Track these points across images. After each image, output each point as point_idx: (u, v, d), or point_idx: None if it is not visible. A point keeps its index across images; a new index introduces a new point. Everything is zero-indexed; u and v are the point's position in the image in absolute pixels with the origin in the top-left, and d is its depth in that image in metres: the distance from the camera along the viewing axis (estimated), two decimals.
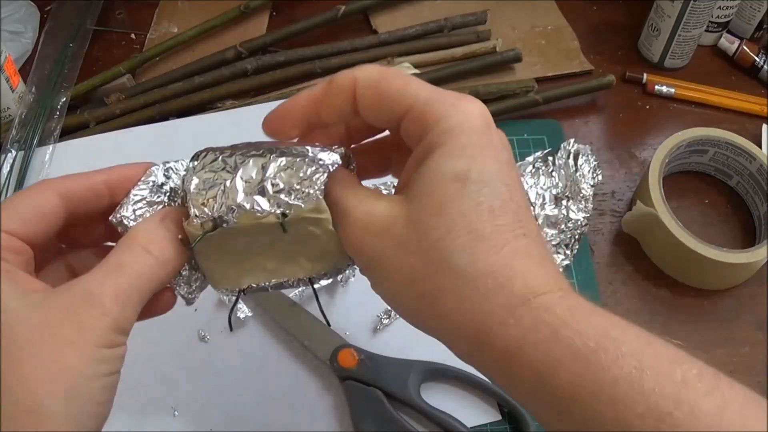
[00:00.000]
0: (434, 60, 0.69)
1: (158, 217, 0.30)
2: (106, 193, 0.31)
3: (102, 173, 0.31)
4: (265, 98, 0.65)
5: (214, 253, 0.31)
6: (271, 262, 0.32)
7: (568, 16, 0.75)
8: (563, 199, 0.59)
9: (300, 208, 0.30)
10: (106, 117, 0.64)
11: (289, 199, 0.29)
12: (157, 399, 0.49)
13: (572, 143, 0.61)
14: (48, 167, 0.59)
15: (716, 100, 0.69)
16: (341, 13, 0.71)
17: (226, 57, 0.68)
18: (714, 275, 0.56)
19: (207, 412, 0.49)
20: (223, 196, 0.29)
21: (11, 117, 0.63)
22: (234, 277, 0.32)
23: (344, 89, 0.30)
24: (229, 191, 0.29)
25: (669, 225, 0.55)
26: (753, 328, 0.55)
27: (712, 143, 0.60)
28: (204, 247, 0.30)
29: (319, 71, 0.67)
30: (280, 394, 0.49)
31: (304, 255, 0.32)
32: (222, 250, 0.31)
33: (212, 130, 0.62)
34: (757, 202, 0.60)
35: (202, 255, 0.31)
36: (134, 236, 0.29)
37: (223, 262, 0.31)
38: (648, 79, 0.69)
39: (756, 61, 0.70)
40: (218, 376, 0.50)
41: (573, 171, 0.60)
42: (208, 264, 0.31)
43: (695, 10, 0.65)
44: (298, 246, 0.31)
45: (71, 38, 0.69)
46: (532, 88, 0.66)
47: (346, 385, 0.48)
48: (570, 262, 0.57)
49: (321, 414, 0.49)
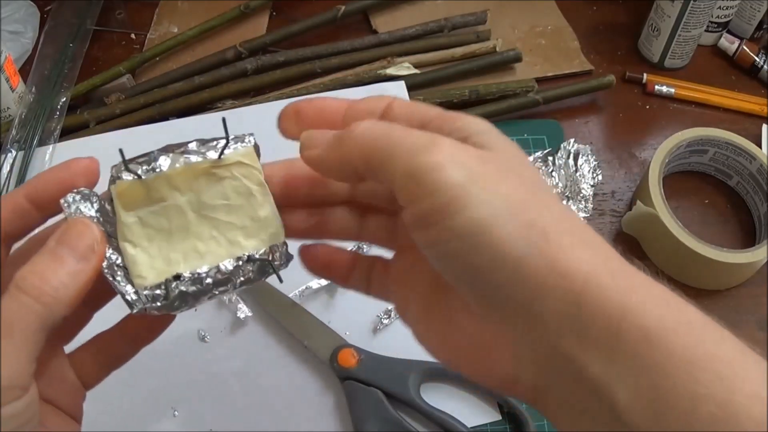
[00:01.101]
0: (434, 60, 0.69)
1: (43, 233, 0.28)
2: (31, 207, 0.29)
3: (22, 189, 0.29)
4: (265, 98, 0.65)
5: (140, 238, 0.28)
6: (203, 241, 0.29)
7: (568, 16, 0.75)
8: (563, 199, 0.59)
9: (234, 153, 0.30)
10: (106, 117, 0.64)
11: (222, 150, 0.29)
12: (157, 399, 0.49)
13: (572, 143, 0.61)
14: (48, 167, 0.59)
15: (716, 100, 0.69)
16: (341, 13, 0.71)
17: (226, 57, 0.68)
18: (714, 275, 0.56)
19: (207, 412, 0.49)
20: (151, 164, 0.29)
21: (11, 117, 0.63)
22: (161, 268, 0.28)
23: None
24: (155, 161, 0.29)
25: (669, 225, 0.55)
26: (753, 328, 0.55)
27: (712, 143, 0.60)
28: (128, 229, 0.28)
29: (319, 71, 0.67)
30: (280, 395, 0.49)
31: (239, 228, 0.30)
32: (149, 232, 0.29)
33: (212, 130, 0.61)
34: (757, 202, 0.60)
35: (127, 240, 0.28)
36: (18, 280, 0.26)
37: (149, 250, 0.28)
38: (648, 79, 0.70)
39: (756, 61, 0.70)
40: (218, 376, 0.50)
41: (573, 171, 0.60)
42: (133, 252, 0.28)
43: (695, 10, 0.65)
44: (231, 216, 0.30)
45: (71, 38, 0.69)
46: (532, 88, 0.66)
47: (346, 385, 0.48)
48: None
49: (321, 414, 0.49)
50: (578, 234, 0.25)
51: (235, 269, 0.30)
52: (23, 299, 0.26)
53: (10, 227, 0.29)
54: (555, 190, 0.59)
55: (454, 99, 0.65)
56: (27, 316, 0.26)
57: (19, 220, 0.29)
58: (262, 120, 0.62)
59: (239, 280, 0.30)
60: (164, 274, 0.28)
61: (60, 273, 0.26)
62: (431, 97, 0.65)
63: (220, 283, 0.29)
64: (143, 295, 0.28)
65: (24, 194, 0.29)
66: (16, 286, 0.26)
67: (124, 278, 0.28)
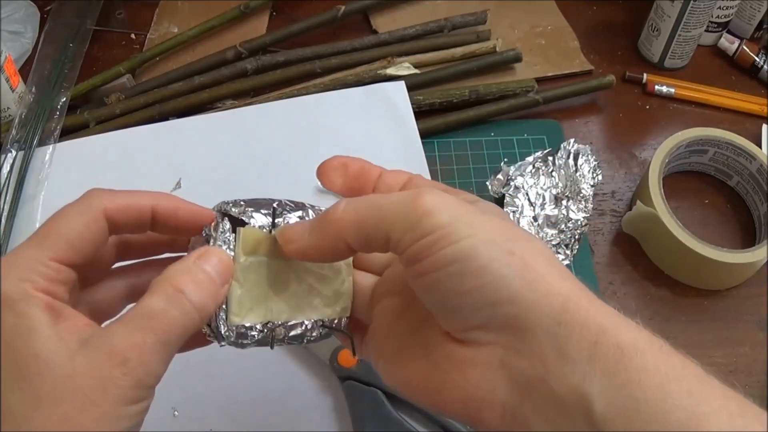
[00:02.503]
0: (434, 60, 0.69)
1: (195, 256, 0.30)
2: (149, 216, 0.31)
3: (148, 196, 0.31)
4: (265, 98, 0.65)
5: (248, 281, 0.31)
6: (292, 299, 0.33)
7: (568, 16, 0.75)
8: (563, 199, 0.59)
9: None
10: (106, 117, 0.64)
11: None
12: (157, 399, 0.49)
13: (572, 143, 0.61)
14: (48, 167, 0.59)
15: (716, 100, 0.69)
16: (341, 13, 0.71)
17: (226, 57, 0.68)
18: (714, 275, 0.56)
19: (207, 412, 0.48)
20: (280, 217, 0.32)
21: (11, 117, 0.63)
22: (258, 312, 0.32)
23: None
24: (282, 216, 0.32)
25: (669, 225, 0.55)
26: (753, 328, 0.55)
27: (712, 143, 0.60)
28: (242, 270, 0.31)
29: (319, 71, 0.67)
30: (280, 394, 0.49)
31: (321, 296, 0.33)
32: (255, 279, 0.31)
33: (212, 130, 0.62)
34: (757, 202, 0.60)
35: (237, 279, 0.31)
36: (168, 277, 0.28)
37: (251, 293, 0.31)
38: (648, 79, 0.70)
39: (756, 61, 0.70)
40: (218, 376, 0.50)
41: (573, 171, 0.60)
42: (237, 292, 0.31)
43: (695, 10, 0.65)
44: (319, 283, 0.33)
45: (71, 38, 0.69)
46: (532, 88, 0.66)
47: (346, 385, 0.48)
48: (570, 262, 0.57)
49: (321, 414, 0.49)
50: (555, 267, 0.28)
51: (310, 329, 0.33)
52: (186, 306, 0.27)
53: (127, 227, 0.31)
54: (555, 190, 0.59)
55: (454, 99, 0.65)
56: (187, 321, 0.27)
57: (137, 223, 0.31)
58: (263, 120, 0.63)
59: (308, 339, 0.33)
60: (257, 318, 0.32)
61: (212, 291, 0.29)
62: (431, 97, 0.65)
63: (295, 337, 0.33)
64: (233, 332, 0.31)
65: (150, 204, 0.31)
66: (180, 291, 0.27)
67: (222, 311, 0.31)
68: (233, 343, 0.31)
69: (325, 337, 0.34)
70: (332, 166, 0.34)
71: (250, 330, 0.31)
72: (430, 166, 0.60)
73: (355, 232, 0.29)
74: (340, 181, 0.34)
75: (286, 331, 0.32)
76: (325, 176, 0.34)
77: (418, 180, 0.33)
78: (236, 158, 0.60)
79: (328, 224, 0.29)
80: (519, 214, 0.58)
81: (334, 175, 0.34)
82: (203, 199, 0.32)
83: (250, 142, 0.60)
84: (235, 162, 0.59)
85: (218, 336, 0.31)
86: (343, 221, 0.29)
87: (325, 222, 0.30)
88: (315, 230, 0.30)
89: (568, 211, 0.58)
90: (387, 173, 0.34)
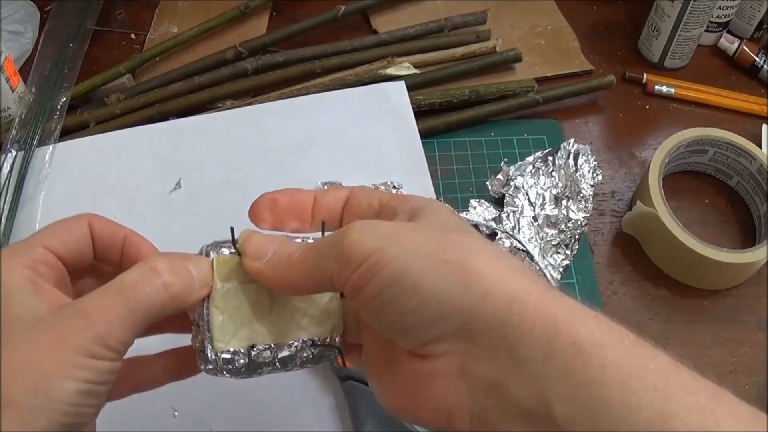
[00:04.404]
0: (434, 60, 0.69)
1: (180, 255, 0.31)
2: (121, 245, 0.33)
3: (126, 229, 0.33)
4: (265, 98, 0.65)
5: (228, 307, 0.31)
6: (277, 321, 0.33)
7: (568, 16, 0.75)
8: (563, 199, 0.59)
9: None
10: (106, 117, 0.64)
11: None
12: (157, 399, 0.49)
13: (572, 143, 0.61)
14: (48, 167, 0.59)
15: (716, 100, 0.69)
16: (341, 13, 0.71)
17: (226, 57, 0.68)
18: (714, 275, 0.56)
19: (207, 412, 0.48)
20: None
21: (11, 117, 0.63)
22: (242, 337, 0.32)
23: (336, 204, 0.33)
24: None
25: (669, 225, 0.55)
26: (753, 328, 0.55)
27: (712, 143, 0.60)
28: (220, 296, 0.31)
29: (319, 71, 0.67)
30: (280, 394, 0.49)
31: (308, 316, 0.33)
32: (235, 304, 0.32)
33: (212, 130, 0.62)
34: (757, 202, 0.60)
35: (217, 306, 0.31)
36: (149, 260, 0.30)
37: (233, 319, 0.32)
38: (648, 79, 0.70)
39: (756, 61, 0.70)
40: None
41: (573, 171, 0.60)
42: (219, 319, 0.31)
43: (695, 10, 0.65)
44: (304, 303, 0.33)
45: (71, 38, 0.69)
46: (532, 88, 0.66)
47: (346, 385, 0.48)
48: (570, 262, 0.57)
49: (321, 414, 0.49)
50: (503, 262, 0.27)
51: (301, 350, 0.33)
52: (157, 281, 0.29)
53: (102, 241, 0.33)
54: (555, 190, 0.59)
55: (454, 99, 0.65)
56: (155, 297, 0.29)
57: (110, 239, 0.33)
58: (262, 120, 0.63)
59: (300, 360, 0.33)
60: (241, 343, 0.32)
61: (187, 280, 0.30)
62: (431, 97, 0.65)
63: (285, 360, 0.33)
64: (220, 358, 0.31)
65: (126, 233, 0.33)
66: (154, 269, 0.29)
67: (207, 339, 0.31)
68: (222, 370, 0.32)
69: (319, 359, 0.34)
70: (261, 205, 0.34)
71: (236, 356, 0.31)
72: (430, 166, 0.60)
73: (305, 282, 0.30)
74: (271, 218, 0.34)
75: (273, 354, 0.32)
76: (256, 216, 0.34)
77: (358, 194, 0.33)
78: (236, 158, 0.60)
79: (282, 271, 0.30)
80: (519, 214, 0.58)
81: (265, 213, 0.34)
82: (203, 199, 0.32)
83: (250, 142, 0.60)
84: (235, 162, 0.59)
85: (205, 365, 0.32)
86: (294, 272, 0.30)
87: (279, 270, 0.30)
88: (271, 270, 0.31)
89: (568, 211, 0.58)
90: (321, 195, 0.34)
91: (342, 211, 0.33)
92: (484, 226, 0.58)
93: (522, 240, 0.57)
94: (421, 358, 0.28)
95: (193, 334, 0.32)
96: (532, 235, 0.57)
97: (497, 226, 0.58)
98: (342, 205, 0.33)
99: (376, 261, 0.27)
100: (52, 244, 0.31)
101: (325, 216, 0.33)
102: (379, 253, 0.27)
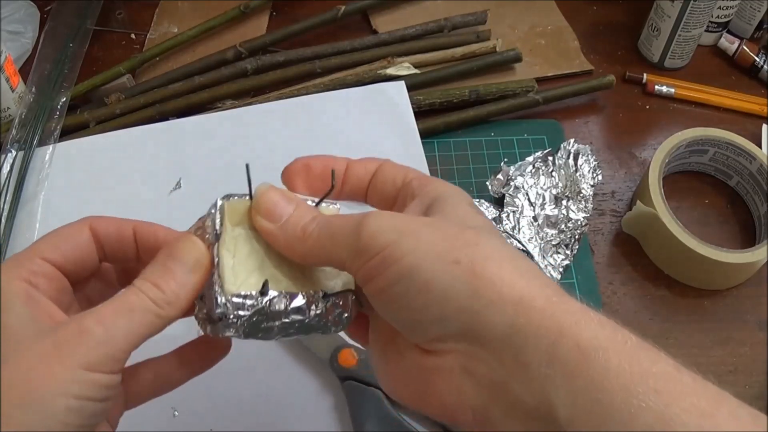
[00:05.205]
0: (434, 60, 0.69)
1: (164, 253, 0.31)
2: (132, 239, 0.32)
3: (132, 221, 0.32)
4: (265, 98, 0.65)
5: (239, 251, 0.31)
6: (290, 271, 0.32)
7: (568, 16, 0.75)
8: (563, 199, 0.59)
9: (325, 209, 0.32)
10: (106, 117, 0.64)
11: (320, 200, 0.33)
12: (157, 399, 0.49)
13: (572, 143, 0.61)
14: (48, 167, 0.59)
15: (716, 100, 0.69)
16: (341, 13, 0.71)
17: (226, 57, 0.68)
18: (714, 275, 0.56)
19: (207, 412, 0.48)
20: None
21: (11, 117, 0.63)
22: (253, 282, 0.30)
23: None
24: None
25: (669, 225, 0.55)
26: (753, 328, 0.55)
27: (712, 143, 0.60)
28: (232, 239, 0.30)
29: (319, 71, 0.67)
30: (280, 394, 0.49)
31: (321, 270, 0.33)
32: (246, 250, 0.31)
33: (212, 130, 0.62)
34: (757, 202, 0.60)
35: (228, 248, 0.30)
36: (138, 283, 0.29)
37: (245, 264, 0.31)
38: (648, 79, 0.70)
39: (756, 61, 0.70)
40: (218, 376, 0.50)
41: (573, 171, 0.60)
42: (229, 262, 0.30)
43: (695, 10, 0.65)
44: None
45: (71, 38, 0.69)
46: (532, 88, 0.66)
47: (346, 385, 0.48)
48: (570, 262, 0.57)
49: (321, 414, 0.49)
50: (512, 264, 0.27)
51: (312, 301, 0.31)
52: (145, 301, 0.28)
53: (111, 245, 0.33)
54: (555, 190, 0.59)
55: (454, 99, 0.65)
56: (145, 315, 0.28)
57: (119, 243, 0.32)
58: (263, 120, 0.63)
59: (313, 313, 0.31)
60: (253, 287, 0.30)
61: (171, 284, 0.29)
62: (431, 97, 0.65)
63: (296, 310, 0.31)
64: (231, 301, 0.29)
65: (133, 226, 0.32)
66: (139, 289, 0.28)
67: (217, 285, 0.30)
68: (231, 318, 0.30)
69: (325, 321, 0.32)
70: (294, 170, 0.34)
71: (248, 299, 0.30)
72: (430, 166, 0.60)
73: (315, 258, 0.30)
74: (304, 184, 0.33)
75: (287, 302, 0.30)
76: (289, 182, 0.34)
77: (386, 169, 0.33)
78: (236, 158, 0.60)
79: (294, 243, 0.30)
80: (519, 214, 0.58)
81: (297, 179, 0.34)
82: (203, 199, 0.32)
83: (250, 142, 0.60)
84: (235, 162, 0.59)
85: (212, 314, 0.30)
86: (306, 246, 0.30)
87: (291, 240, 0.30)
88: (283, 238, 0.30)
89: (568, 211, 0.58)
90: (353, 164, 0.34)
91: (369, 182, 0.33)
92: None
93: (522, 240, 0.57)
94: (425, 352, 0.28)
95: (197, 308, 0.31)
96: (532, 235, 0.57)
97: (497, 226, 0.58)
98: (370, 177, 0.33)
99: (388, 255, 0.27)
100: (51, 255, 0.30)
101: (354, 185, 0.34)
102: (392, 248, 0.27)
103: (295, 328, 0.31)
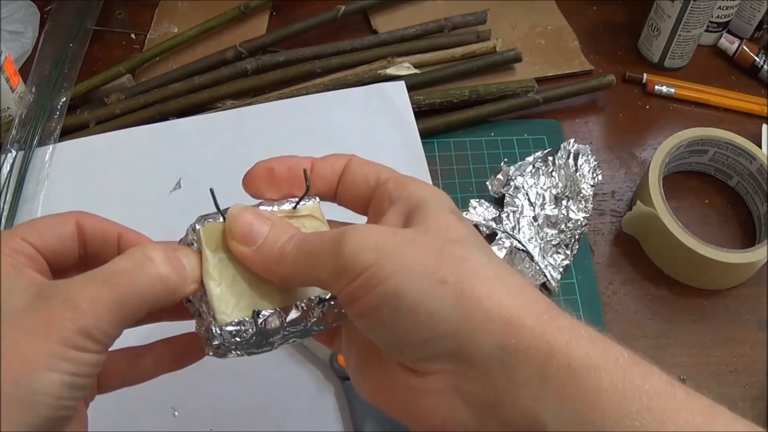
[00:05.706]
0: (434, 60, 0.69)
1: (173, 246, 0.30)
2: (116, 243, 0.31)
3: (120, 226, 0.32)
4: (265, 98, 0.65)
5: (224, 277, 0.30)
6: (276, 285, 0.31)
7: (568, 16, 0.75)
8: (563, 199, 0.59)
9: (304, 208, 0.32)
10: (106, 117, 0.64)
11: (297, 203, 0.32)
12: (157, 399, 0.49)
13: (572, 143, 0.61)
14: (48, 167, 0.59)
15: (716, 100, 0.69)
16: (341, 13, 0.71)
17: (226, 57, 0.68)
18: (714, 275, 0.56)
19: (207, 412, 0.48)
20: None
21: (11, 117, 0.63)
22: (244, 306, 0.30)
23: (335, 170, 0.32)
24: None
25: (669, 225, 0.55)
26: (753, 328, 0.55)
27: (712, 143, 0.60)
28: (213, 267, 0.30)
29: (319, 71, 0.67)
30: (280, 394, 0.49)
31: None
32: (231, 273, 0.30)
33: (212, 130, 0.62)
34: (757, 202, 0.60)
35: (211, 278, 0.30)
36: (142, 246, 0.29)
37: (232, 289, 0.30)
38: (648, 79, 0.70)
39: (756, 61, 0.70)
40: (218, 376, 0.50)
41: (573, 171, 0.60)
42: (216, 291, 0.30)
43: (695, 10, 0.65)
44: None
45: (71, 38, 0.69)
46: (532, 88, 0.66)
47: (346, 385, 0.48)
48: (570, 262, 0.57)
49: (321, 414, 0.49)
50: (499, 281, 0.26)
51: (308, 309, 0.31)
52: (152, 272, 0.27)
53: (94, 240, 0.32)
54: (555, 190, 0.59)
55: (454, 99, 0.65)
56: (148, 288, 0.27)
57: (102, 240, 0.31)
58: (263, 120, 0.63)
59: (311, 321, 0.31)
60: (245, 312, 0.30)
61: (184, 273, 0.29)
62: (431, 97, 0.65)
63: (294, 322, 0.31)
64: (225, 331, 0.29)
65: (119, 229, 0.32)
66: (149, 258, 0.28)
67: (207, 314, 0.30)
68: (231, 345, 0.30)
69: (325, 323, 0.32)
70: (257, 175, 0.33)
71: (242, 326, 0.29)
72: (430, 166, 0.60)
73: (295, 279, 0.29)
74: (270, 189, 0.32)
75: (281, 319, 0.30)
76: (252, 187, 0.33)
77: (355, 168, 0.32)
78: (236, 158, 0.59)
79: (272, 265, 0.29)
80: (519, 214, 0.58)
81: (260, 183, 0.32)
82: (203, 199, 0.32)
83: (250, 142, 0.60)
84: (235, 162, 0.59)
85: (211, 344, 0.30)
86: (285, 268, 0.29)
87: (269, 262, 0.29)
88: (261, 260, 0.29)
89: (568, 211, 0.58)
90: (319, 163, 0.33)
91: (338, 182, 0.32)
92: (484, 226, 0.58)
93: (522, 240, 0.57)
94: (412, 372, 0.27)
95: (197, 324, 0.31)
96: (532, 235, 0.57)
97: (497, 226, 0.58)
98: (339, 176, 0.32)
99: (371, 276, 0.26)
100: (31, 239, 0.29)
101: (321, 187, 0.32)
102: (375, 268, 0.26)
103: (297, 335, 0.31)
